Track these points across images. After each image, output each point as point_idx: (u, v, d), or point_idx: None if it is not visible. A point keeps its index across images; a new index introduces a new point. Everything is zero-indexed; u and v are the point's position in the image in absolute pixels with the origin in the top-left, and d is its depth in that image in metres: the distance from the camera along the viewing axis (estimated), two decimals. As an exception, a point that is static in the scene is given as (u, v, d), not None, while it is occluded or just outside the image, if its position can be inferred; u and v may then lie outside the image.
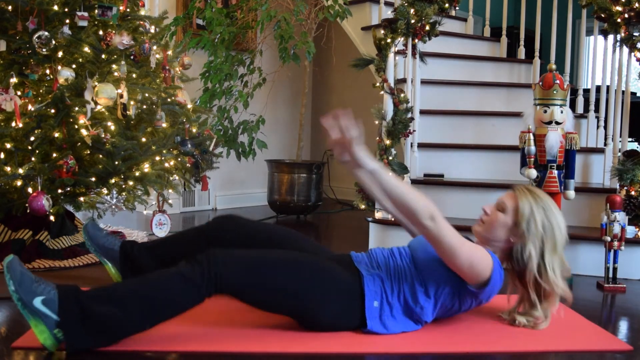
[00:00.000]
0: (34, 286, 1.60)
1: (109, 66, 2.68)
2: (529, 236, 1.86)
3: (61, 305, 1.58)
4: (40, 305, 1.57)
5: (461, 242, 1.76)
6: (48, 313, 1.57)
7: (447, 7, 3.31)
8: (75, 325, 1.58)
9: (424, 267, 1.86)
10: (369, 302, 1.82)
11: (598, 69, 3.63)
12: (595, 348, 1.82)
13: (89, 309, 1.59)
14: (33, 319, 1.57)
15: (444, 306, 1.88)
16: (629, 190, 2.73)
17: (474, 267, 1.78)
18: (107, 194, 2.80)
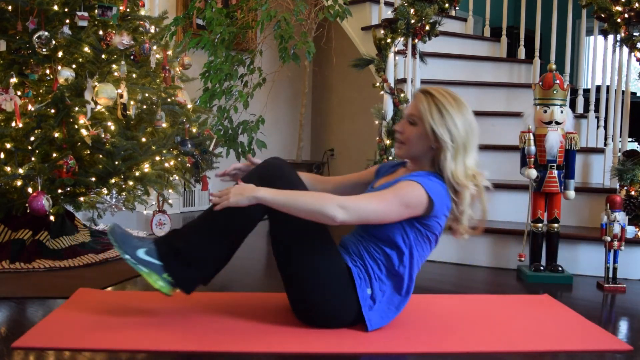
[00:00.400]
0: (135, 242, 1.82)
1: (109, 66, 2.68)
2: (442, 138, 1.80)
3: (159, 250, 1.81)
4: (144, 255, 1.80)
5: (383, 200, 1.74)
6: (152, 260, 1.80)
7: (447, 7, 3.31)
8: (175, 262, 1.79)
9: (376, 229, 1.84)
10: (362, 291, 1.82)
11: (598, 69, 3.63)
12: (595, 348, 1.82)
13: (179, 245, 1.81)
14: (144, 268, 1.79)
15: (422, 244, 1.85)
16: (629, 190, 2.73)
17: (410, 204, 1.75)
18: (107, 194, 2.80)
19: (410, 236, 1.83)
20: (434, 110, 1.82)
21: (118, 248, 1.81)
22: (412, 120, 1.85)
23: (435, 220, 1.83)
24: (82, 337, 1.74)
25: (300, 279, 1.83)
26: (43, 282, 2.38)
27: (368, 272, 1.84)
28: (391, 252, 1.83)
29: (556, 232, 2.69)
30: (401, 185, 1.78)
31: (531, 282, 2.63)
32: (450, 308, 2.18)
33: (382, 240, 1.84)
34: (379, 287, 1.84)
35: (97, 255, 2.76)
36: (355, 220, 1.75)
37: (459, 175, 1.80)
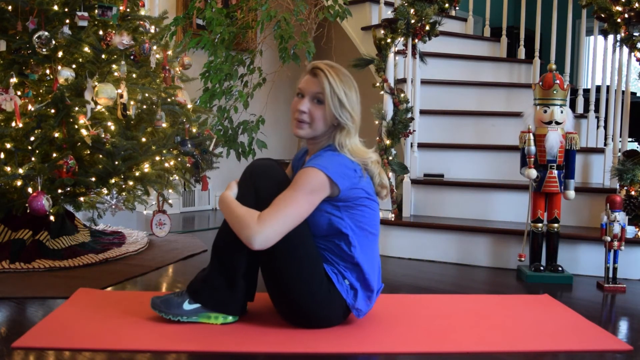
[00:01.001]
0: (176, 300, 1.89)
1: (109, 66, 2.68)
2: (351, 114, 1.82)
3: (194, 295, 1.88)
4: (189, 306, 1.88)
5: (291, 202, 1.74)
6: (197, 306, 1.88)
7: (447, 7, 3.31)
8: (212, 300, 1.87)
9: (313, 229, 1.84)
10: (340, 285, 1.83)
11: (598, 69, 3.63)
12: (595, 348, 1.82)
13: (208, 286, 1.87)
14: (199, 316, 1.88)
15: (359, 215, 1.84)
16: (629, 190, 2.73)
17: (314, 190, 1.75)
18: (107, 194, 2.80)
19: (343, 216, 1.82)
20: (340, 88, 1.82)
21: (172, 316, 1.88)
22: (319, 99, 1.83)
23: (351, 190, 1.81)
24: (82, 337, 1.74)
25: (289, 292, 1.82)
26: (43, 282, 2.38)
27: (335, 267, 1.85)
28: (338, 240, 1.84)
29: (556, 232, 2.69)
30: (299, 176, 1.78)
31: (531, 282, 2.63)
32: (450, 308, 2.18)
33: (324, 234, 1.85)
34: (350, 277, 1.85)
35: (97, 255, 2.76)
36: (281, 232, 1.73)
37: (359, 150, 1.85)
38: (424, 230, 3.08)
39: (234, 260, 1.86)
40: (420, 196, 3.32)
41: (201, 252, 3.00)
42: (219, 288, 1.87)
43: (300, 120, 1.87)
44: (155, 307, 1.90)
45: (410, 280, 2.67)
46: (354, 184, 1.81)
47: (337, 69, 1.86)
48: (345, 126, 1.83)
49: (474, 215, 3.22)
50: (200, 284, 1.89)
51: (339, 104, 1.81)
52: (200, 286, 1.89)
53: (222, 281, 1.87)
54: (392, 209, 3.23)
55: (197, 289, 1.89)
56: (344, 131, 1.84)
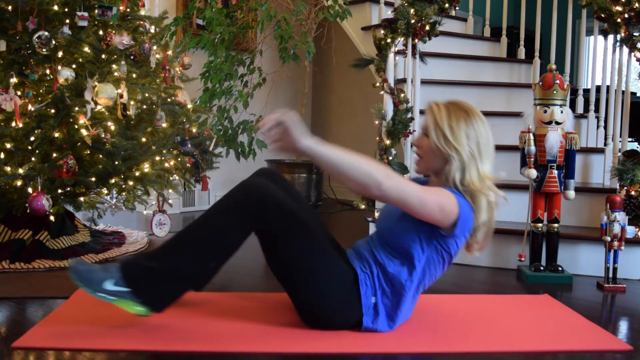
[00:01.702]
0: (100, 275, 1.75)
1: (109, 66, 2.68)
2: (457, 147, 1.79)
3: (127, 276, 1.75)
4: (113, 287, 1.74)
5: (424, 190, 1.73)
6: (122, 289, 1.74)
7: (447, 7, 3.31)
8: (146, 286, 1.75)
9: (392, 237, 1.83)
10: (366, 299, 1.82)
11: (598, 69, 3.63)
12: (595, 348, 1.82)
13: (151, 272, 1.75)
14: (117, 299, 1.74)
15: (435, 263, 1.84)
16: (629, 190, 2.73)
17: (444, 208, 1.72)
18: (107, 194, 2.80)
19: (426, 252, 1.82)
20: (445, 121, 1.82)
21: (84, 287, 1.75)
22: (426, 133, 1.86)
23: (455, 239, 1.81)
24: (82, 337, 1.74)
25: (301, 285, 1.81)
26: (43, 282, 2.38)
27: (374, 280, 1.83)
28: (402, 265, 1.82)
29: (556, 232, 2.69)
30: (439, 189, 1.78)
31: (531, 282, 2.63)
32: (450, 308, 2.18)
33: (396, 251, 1.83)
34: (381, 299, 1.84)
35: (97, 255, 2.76)
36: (395, 196, 1.68)
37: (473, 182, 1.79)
38: (424, 230, 3.07)
39: (208, 256, 1.78)
40: (420, 196, 3.32)
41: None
42: (166, 283, 1.76)
43: (416, 154, 1.92)
44: (75, 272, 1.76)
45: (410, 280, 2.67)
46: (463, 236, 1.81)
47: (451, 104, 1.87)
48: (453, 159, 1.79)
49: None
50: (144, 272, 1.76)
51: (442, 137, 1.80)
52: (142, 274, 1.76)
53: (174, 276, 1.77)
54: (392, 209, 3.23)
55: (136, 276, 1.75)
56: (454, 165, 1.80)
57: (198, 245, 1.77)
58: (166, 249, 1.80)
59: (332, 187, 5.38)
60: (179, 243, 1.80)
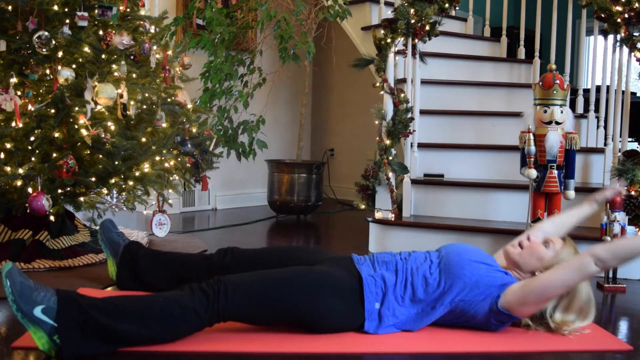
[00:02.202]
0: (34, 295, 1.59)
1: (109, 66, 2.68)
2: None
3: (60, 313, 1.58)
4: (40, 314, 1.57)
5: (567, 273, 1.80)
6: (47, 320, 1.56)
7: (447, 7, 3.31)
8: (73, 331, 1.57)
9: (454, 266, 1.85)
10: (369, 304, 1.82)
11: (598, 69, 3.63)
12: (595, 348, 1.82)
13: (88, 317, 1.58)
14: (32, 326, 1.57)
15: (456, 313, 1.86)
16: (629, 190, 2.74)
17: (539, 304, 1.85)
18: (107, 194, 2.80)
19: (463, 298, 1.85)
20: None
21: (13, 302, 1.57)
22: (548, 244, 1.93)
23: (494, 317, 1.86)
24: (82, 337, 1.74)
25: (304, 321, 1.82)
26: (43, 282, 2.35)
27: (387, 289, 1.84)
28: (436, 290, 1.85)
29: (556, 232, 2.69)
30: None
31: (531, 282, 2.63)
32: (450, 308, 2.17)
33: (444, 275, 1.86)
34: (387, 308, 1.83)
35: (97, 255, 2.76)
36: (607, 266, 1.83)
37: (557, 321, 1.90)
38: (423, 230, 3.08)
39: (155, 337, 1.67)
40: (420, 196, 3.32)
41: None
42: (96, 342, 1.60)
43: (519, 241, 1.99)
44: (10, 278, 1.58)
45: (410, 280, 2.67)
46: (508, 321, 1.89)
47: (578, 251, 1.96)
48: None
49: (474, 215, 3.22)
50: (82, 316, 1.58)
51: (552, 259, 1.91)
52: (83, 319, 1.58)
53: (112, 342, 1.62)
54: (392, 209, 3.23)
55: (71, 316, 1.58)
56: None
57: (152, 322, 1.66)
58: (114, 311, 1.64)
59: (332, 187, 5.38)
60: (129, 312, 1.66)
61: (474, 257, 1.90)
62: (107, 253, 2.31)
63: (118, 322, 1.61)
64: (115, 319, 1.61)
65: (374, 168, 3.22)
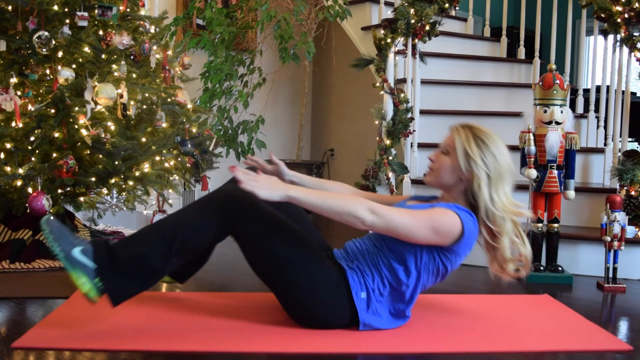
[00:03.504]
0: (72, 238, 1.68)
1: (109, 66, 2.68)
2: (475, 171, 1.82)
3: (96, 253, 1.67)
4: (79, 255, 1.65)
5: (415, 218, 1.75)
6: (86, 262, 1.65)
7: (447, 7, 3.31)
8: (110, 269, 1.66)
9: (393, 242, 1.83)
10: (356, 295, 1.82)
11: (598, 69, 3.63)
12: (595, 348, 1.82)
13: (119, 253, 1.69)
14: (74, 270, 1.65)
15: (431, 273, 1.85)
16: (629, 190, 2.74)
17: (440, 231, 1.75)
18: (107, 194, 2.80)
19: (424, 259, 1.83)
20: (472, 142, 1.86)
21: (52, 241, 1.66)
22: (446, 151, 1.90)
23: (455, 255, 1.84)
24: (82, 337, 1.74)
25: (288, 289, 1.83)
26: (43, 282, 2.38)
27: (365, 278, 1.83)
28: (399, 267, 1.83)
29: (556, 232, 2.69)
30: (437, 210, 1.80)
31: (531, 282, 2.63)
32: (450, 308, 2.18)
33: (395, 254, 1.83)
34: (373, 296, 1.84)
35: (97, 255, 2.76)
36: (383, 229, 1.74)
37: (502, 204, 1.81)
38: (424, 230, 3.07)
39: (184, 253, 1.75)
40: (420, 196, 3.32)
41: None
42: (131, 277, 1.69)
43: (429, 167, 1.96)
44: (48, 224, 1.67)
45: (410, 280, 2.67)
46: (463, 254, 1.85)
47: (474, 128, 1.91)
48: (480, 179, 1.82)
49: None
50: (116, 260, 1.67)
51: (464, 157, 1.84)
52: (113, 260, 1.67)
53: (143, 271, 1.71)
54: (392, 209, 3.23)
55: (107, 257, 1.67)
56: (477, 184, 1.82)
57: (165, 239, 1.73)
58: (134, 239, 1.76)
59: (332, 187, 5.37)
60: (147, 234, 1.77)
61: None
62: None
63: (143, 249, 1.70)
64: (138, 248, 1.70)
65: (374, 168, 3.22)
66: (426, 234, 1.75)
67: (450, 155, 1.88)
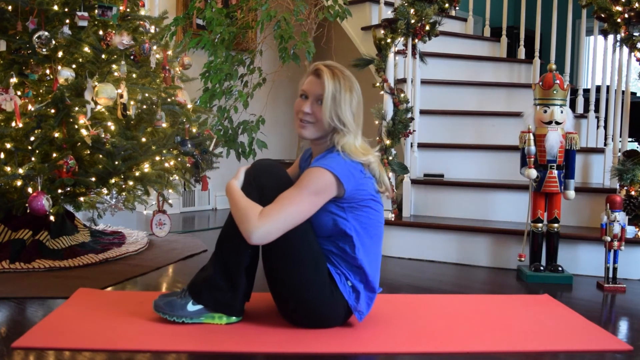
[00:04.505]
0: (179, 302, 1.88)
1: (109, 66, 2.68)
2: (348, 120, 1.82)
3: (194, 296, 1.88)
4: (192, 307, 1.88)
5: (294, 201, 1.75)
6: (199, 308, 1.87)
7: (447, 7, 3.31)
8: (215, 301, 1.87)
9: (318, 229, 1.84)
10: (343, 286, 1.83)
11: (598, 69, 3.63)
12: (595, 348, 1.82)
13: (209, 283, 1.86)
14: (205, 317, 1.87)
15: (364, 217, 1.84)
16: (629, 190, 2.73)
17: (319, 192, 1.75)
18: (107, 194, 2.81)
19: (348, 217, 1.82)
20: (338, 90, 1.83)
21: (170, 317, 1.87)
22: (318, 100, 1.84)
23: (357, 191, 1.81)
24: (82, 337, 1.74)
25: (291, 291, 1.83)
26: (43, 282, 2.38)
27: (340, 268, 1.85)
28: (342, 242, 1.84)
29: (556, 232, 2.69)
30: (305, 176, 1.79)
31: (531, 282, 2.63)
32: (450, 308, 2.18)
33: (328, 234, 1.85)
34: (353, 279, 1.85)
35: (97, 255, 2.76)
36: (282, 229, 1.74)
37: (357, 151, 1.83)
38: (424, 230, 3.08)
39: (237, 259, 1.86)
40: (420, 196, 3.32)
41: (201, 252, 3.00)
42: (222, 289, 1.86)
43: (304, 120, 1.87)
44: (159, 309, 1.89)
45: (410, 280, 2.67)
46: (360, 184, 1.81)
47: (339, 70, 1.87)
48: (342, 128, 1.83)
49: (474, 215, 3.22)
50: (202, 285, 1.88)
51: (335, 105, 1.82)
52: (202, 287, 1.87)
53: (225, 282, 1.86)
54: (392, 209, 3.23)
55: (199, 290, 1.88)
56: (342, 132, 1.83)
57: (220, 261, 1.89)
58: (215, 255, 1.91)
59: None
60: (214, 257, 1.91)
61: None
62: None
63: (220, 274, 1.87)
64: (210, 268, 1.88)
65: (374, 168, 3.21)
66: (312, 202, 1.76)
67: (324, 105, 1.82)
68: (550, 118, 2.64)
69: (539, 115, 2.66)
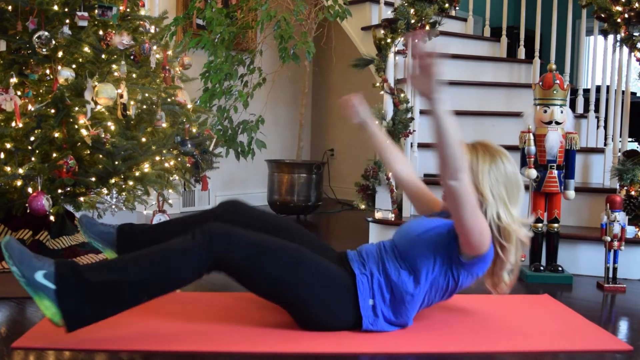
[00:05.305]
0: (33, 261, 1.61)
1: (109, 66, 2.68)
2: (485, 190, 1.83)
3: (58, 274, 1.59)
4: (42, 279, 1.58)
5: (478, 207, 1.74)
6: (49, 285, 1.58)
7: (447, 7, 3.31)
8: (73, 293, 1.58)
9: (407, 251, 1.84)
10: (363, 300, 1.82)
11: (598, 69, 3.63)
12: (595, 348, 1.82)
13: (86, 278, 1.60)
14: (37, 294, 1.58)
15: (439, 288, 1.85)
16: (629, 190, 2.74)
17: (482, 234, 1.73)
18: (107, 194, 2.80)
19: (435, 273, 1.83)
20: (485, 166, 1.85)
21: (13, 266, 1.59)
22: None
23: (468, 272, 1.84)
24: (82, 337, 1.74)
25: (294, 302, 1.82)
26: (43, 282, 2.37)
27: (372, 284, 1.83)
28: (408, 278, 1.83)
29: (556, 232, 2.69)
30: None
31: (531, 282, 2.63)
32: (450, 308, 2.18)
33: (407, 263, 1.84)
34: (380, 303, 1.84)
35: (97, 256, 2.76)
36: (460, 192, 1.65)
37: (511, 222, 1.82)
38: (424, 230, 3.07)
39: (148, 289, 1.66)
40: (420, 196, 3.32)
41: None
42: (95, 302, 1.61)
43: None
44: (8, 248, 1.61)
45: (410, 280, 2.67)
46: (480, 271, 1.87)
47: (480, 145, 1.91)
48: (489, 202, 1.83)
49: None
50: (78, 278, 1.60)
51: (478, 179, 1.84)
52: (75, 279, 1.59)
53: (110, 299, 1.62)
54: (392, 209, 3.23)
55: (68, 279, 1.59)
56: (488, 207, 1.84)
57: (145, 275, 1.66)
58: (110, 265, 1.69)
59: (332, 187, 5.38)
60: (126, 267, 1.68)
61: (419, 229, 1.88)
62: (102, 247, 2.01)
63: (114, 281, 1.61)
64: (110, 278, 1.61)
65: (374, 168, 3.22)
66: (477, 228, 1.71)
67: None
68: (550, 118, 2.64)
69: (539, 115, 2.66)
